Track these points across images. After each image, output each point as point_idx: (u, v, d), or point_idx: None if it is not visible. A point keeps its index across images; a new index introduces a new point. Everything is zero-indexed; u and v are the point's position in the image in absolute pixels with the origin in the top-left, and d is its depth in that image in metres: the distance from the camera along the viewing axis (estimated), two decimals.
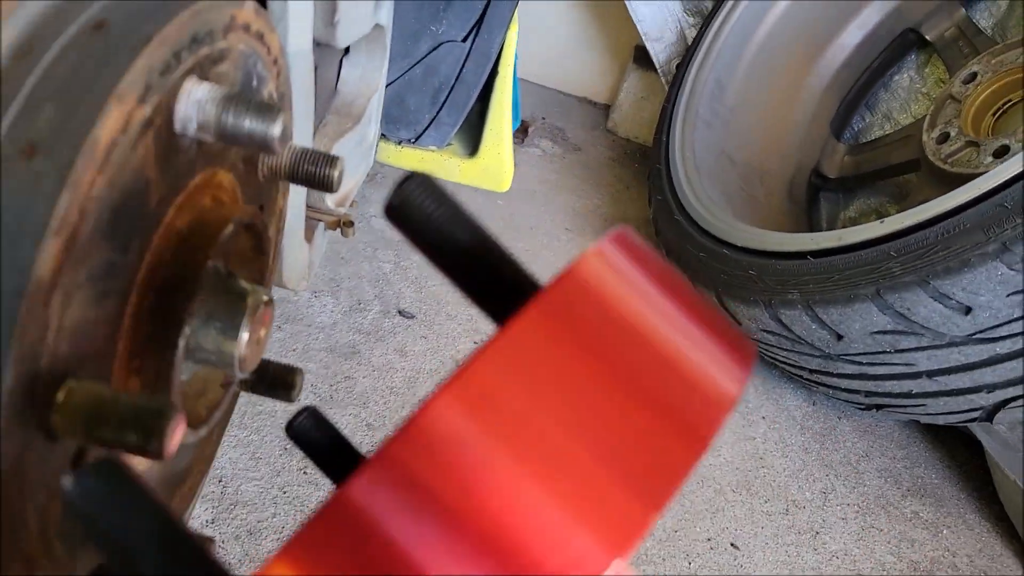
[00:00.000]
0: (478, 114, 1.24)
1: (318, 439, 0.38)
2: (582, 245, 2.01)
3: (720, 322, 0.35)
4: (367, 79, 0.71)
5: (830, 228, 2.02)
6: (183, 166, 0.43)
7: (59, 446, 0.37)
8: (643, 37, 2.29)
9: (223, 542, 1.09)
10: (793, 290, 1.39)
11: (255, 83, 0.50)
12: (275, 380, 0.55)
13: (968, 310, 1.20)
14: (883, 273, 1.27)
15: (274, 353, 1.38)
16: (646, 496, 0.28)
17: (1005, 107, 1.70)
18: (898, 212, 1.33)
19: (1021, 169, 1.18)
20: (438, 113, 1.18)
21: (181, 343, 0.42)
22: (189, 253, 0.43)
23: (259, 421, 1.25)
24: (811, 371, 1.51)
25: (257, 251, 0.51)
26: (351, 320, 1.54)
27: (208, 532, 1.09)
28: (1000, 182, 1.19)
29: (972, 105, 1.71)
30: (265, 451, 1.21)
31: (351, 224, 0.70)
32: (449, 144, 1.22)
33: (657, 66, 2.32)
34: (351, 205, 0.76)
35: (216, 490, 1.14)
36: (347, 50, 0.70)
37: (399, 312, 1.63)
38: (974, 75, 1.73)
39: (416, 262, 1.76)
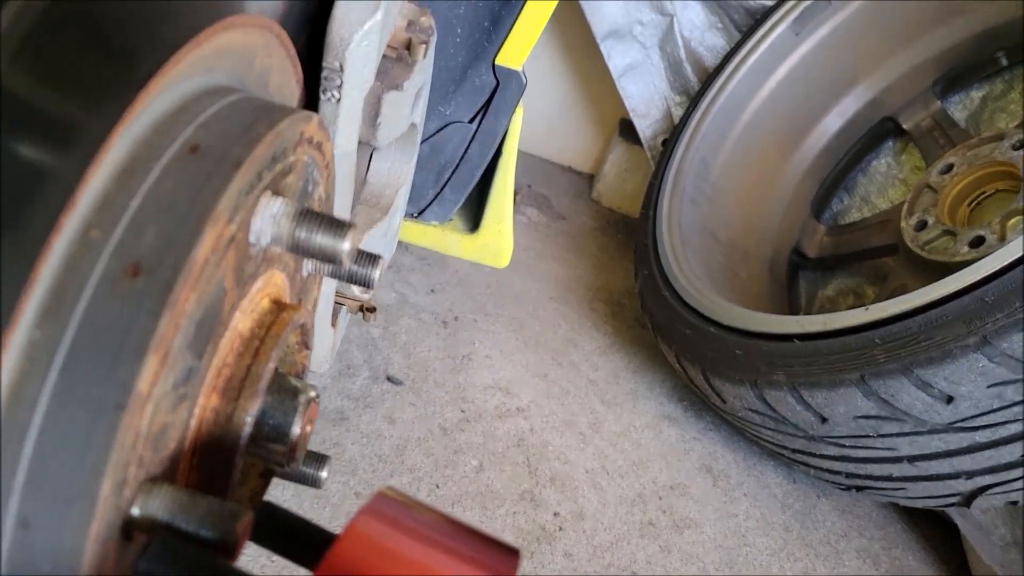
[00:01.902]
0: (479, 191, 1.28)
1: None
2: (566, 315, 2.04)
3: (481, 542, 0.42)
4: (396, 172, 0.73)
5: (808, 306, 2.08)
6: (250, 272, 0.45)
7: (132, 544, 0.38)
8: (630, 113, 2.36)
9: None
10: (779, 371, 1.43)
11: (311, 188, 0.52)
12: (311, 466, 0.57)
13: (950, 399, 1.24)
14: (868, 360, 1.31)
15: None
16: None
17: (980, 198, 1.78)
18: (875, 293, 1.38)
19: (1000, 265, 1.23)
20: (442, 190, 1.21)
21: (242, 442, 0.44)
22: (252, 357, 0.45)
23: None
24: (794, 451, 1.54)
25: (302, 345, 0.53)
26: (340, 385, 1.55)
27: None
28: (980, 277, 1.25)
29: (948, 195, 1.79)
30: None
31: (373, 309, 0.72)
32: (450, 220, 1.25)
33: (643, 141, 2.39)
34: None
35: None
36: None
37: (388, 378, 1.64)
38: (950, 166, 1.81)
39: (405, 327, 1.78)
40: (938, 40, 2.00)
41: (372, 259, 0.55)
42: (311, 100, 0.57)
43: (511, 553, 0.42)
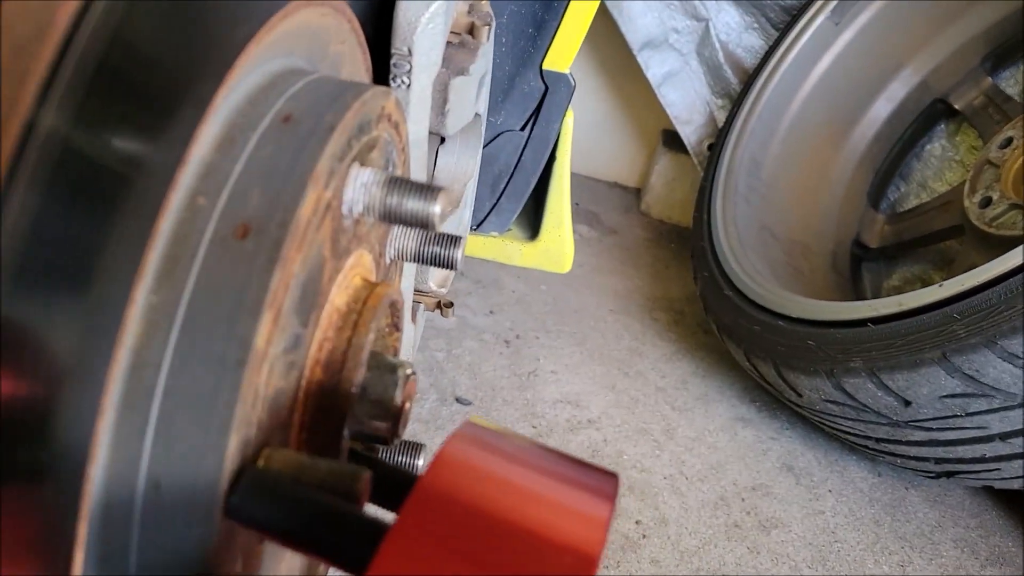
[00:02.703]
0: (535, 198, 1.28)
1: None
2: (628, 325, 2.02)
3: (575, 465, 0.42)
4: (462, 165, 0.74)
5: (875, 297, 2.03)
6: (344, 246, 0.45)
7: None
8: (674, 120, 2.36)
9: None
10: (856, 358, 1.39)
11: (391, 168, 0.53)
12: (409, 455, 0.56)
13: None
14: (947, 336, 1.27)
15: None
16: None
17: None
18: (943, 278, 1.34)
19: None
20: (498, 200, 1.22)
21: (348, 414, 0.44)
22: (351, 329, 0.45)
23: None
24: (878, 440, 1.49)
25: (393, 327, 0.53)
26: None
27: None
28: None
29: (1011, 169, 1.74)
30: None
31: (451, 305, 0.73)
32: (509, 229, 1.26)
33: (689, 148, 2.38)
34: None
35: None
36: (442, 138, 0.74)
37: (456, 399, 1.63)
38: (1009, 140, 1.77)
39: (468, 349, 1.78)
40: (984, 16, 1.96)
41: (454, 240, 0.55)
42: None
43: (609, 475, 0.41)
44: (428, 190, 0.43)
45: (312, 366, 0.43)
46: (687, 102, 2.35)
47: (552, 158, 1.26)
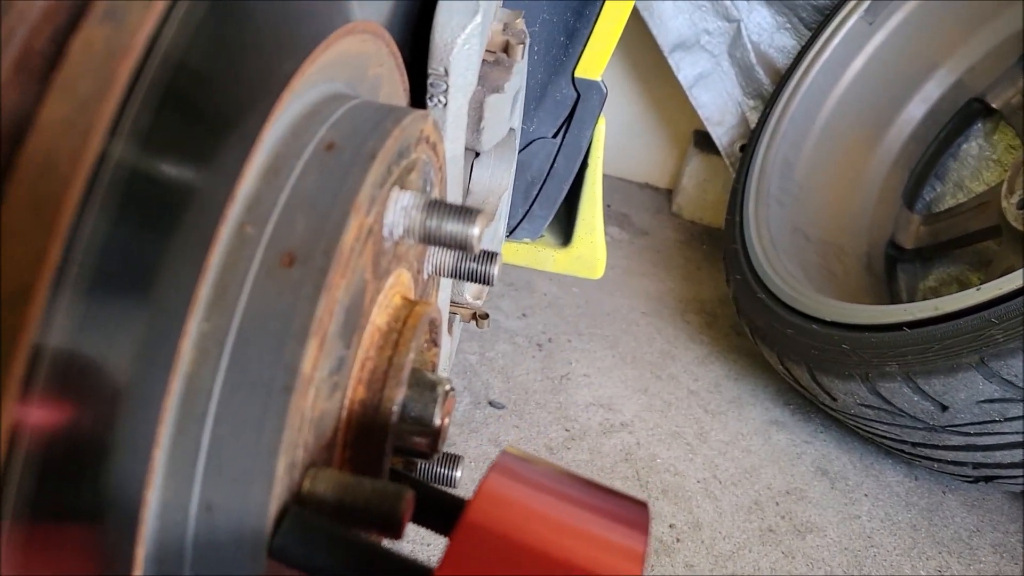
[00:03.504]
0: (567, 205, 1.29)
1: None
2: (660, 328, 2.02)
3: (608, 495, 0.43)
4: (497, 179, 0.75)
5: (910, 299, 2.01)
6: (384, 267, 0.46)
7: None
8: (705, 122, 2.35)
9: None
10: (891, 362, 1.38)
11: (428, 188, 0.54)
12: (446, 468, 0.58)
13: None
14: (985, 341, 1.25)
15: None
16: None
17: None
18: (980, 279, 1.32)
19: None
20: (531, 207, 1.22)
21: (390, 431, 0.45)
22: (392, 349, 0.46)
23: None
24: (914, 444, 1.48)
25: (432, 343, 0.54)
26: None
27: None
28: None
29: None
30: None
31: (486, 316, 0.74)
32: (542, 236, 1.26)
33: (720, 149, 2.37)
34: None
35: None
36: (476, 152, 0.75)
37: (490, 403, 1.65)
38: None
39: (501, 352, 1.79)
40: (1020, 14, 1.93)
41: (491, 256, 0.56)
42: (418, 107, 0.59)
43: (640, 505, 0.42)
44: (467, 213, 0.44)
45: (355, 385, 0.44)
46: (719, 103, 2.34)
47: (584, 165, 1.26)
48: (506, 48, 0.62)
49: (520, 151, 1.20)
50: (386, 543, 0.50)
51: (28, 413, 0.29)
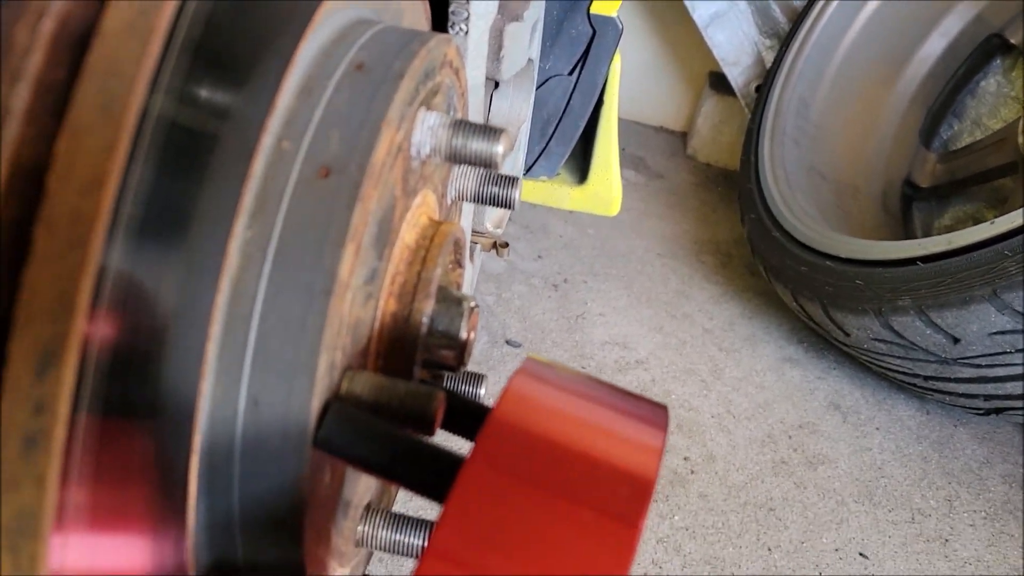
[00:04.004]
0: (583, 143, 1.30)
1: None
2: (675, 268, 2.04)
3: (628, 397, 0.45)
4: (515, 110, 0.76)
5: (927, 236, 2.01)
6: (412, 186, 0.48)
7: None
8: (720, 63, 2.33)
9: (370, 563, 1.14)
10: (904, 296, 1.40)
11: (452, 113, 0.55)
12: (472, 385, 0.60)
13: None
14: (998, 273, 1.27)
15: None
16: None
17: None
18: (996, 216, 1.33)
19: None
20: (547, 144, 1.24)
21: (420, 342, 0.47)
22: (420, 264, 0.48)
23: None
24: (926, 378, 1.50)
25: (456, 263, 0.57)
26: None
27: None
28: None
29: None
30: None
31: (506, 245, 0.76)
32: (558, 173, 1.28)
33: (736, 90, 2.35)
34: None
35: None
36: (496, 83, 0.76)
37: (507, 342, 1.68)
38: None
39: (517, 293, 1.82)
40: None
41: (511, 181, 0.58)
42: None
43: (660, 407, 0.44)
44: (491, 131, 0.46)
45: (386, 298, 0.47)
46: (734, 43, 2.31)
47: (600, 102, 1.27)
48: None
49: (536, 88, 1.20)
50: None
51: (98, 314, 0.31)
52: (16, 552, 0.31)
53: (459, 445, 0.44)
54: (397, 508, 0.60)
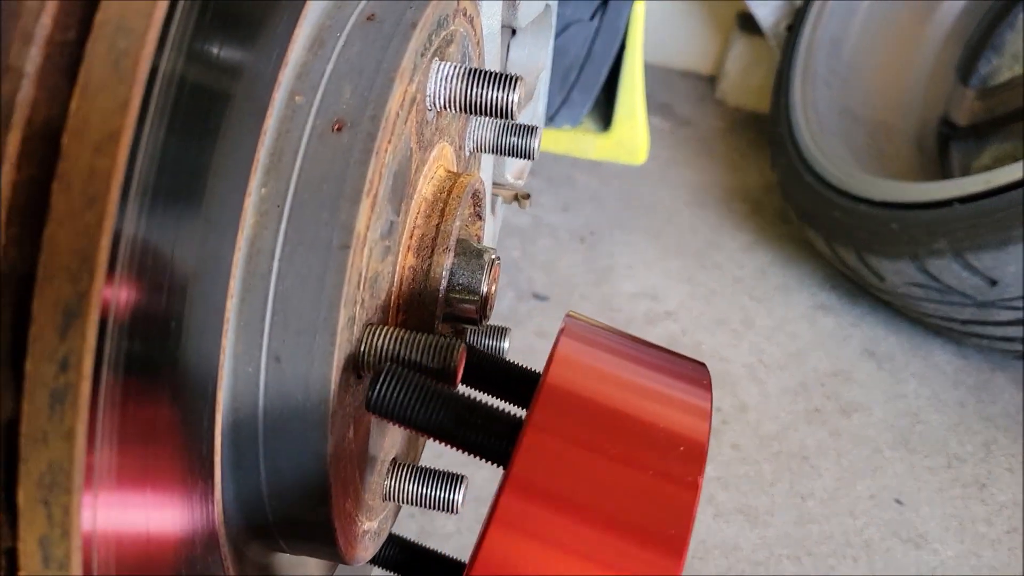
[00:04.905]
0: (607, 90, 1.27)
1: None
2: (704, 218, 2.01)
3: (670, 356, 0.44)
4: (534, 57, 0.75)
5: (966, 176, 1.96)
6: (428, 139, 0.48)
7: (361, 383, 0.42)
8: (748, 3, 2.27)
9: (400, 520, 1.16)
10: (941, 239, 1.37)
11: (467, 62, 0.54)
12: (495, 338, 0.60)
13: None
14: None
15: None
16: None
17: None
18: None
19: None
20: (570, 93, 1.22)
21: (441, 294, 0.47)
22: (439, 217, 0.48)
23: None
24: (963, 322, 1.48)
25: (476, 215, 0.56)
26: None
27: None
28: None
29: None
30: None
31: (527, 196, 0.75)
32: (582, 122, 1.26)
33: (764, 30, 2.29)
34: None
35: None
36: (513, 31, 0.75)
37: (533, 295, 1.67)
38: None
39: (543, 247, 1.81)
40: None
41: (530, 130, 0.57)
42: None
43: (701, 366, 0.44)
44: (507, 79, 0.45)
45: (405, 252, 0.47)
46: None
47: (623, 47, 1.24)
48: None
49: (557, 36, 1.18)
50: None
51: (117, 273, 0.31)
52: (49, 505, 0.31)
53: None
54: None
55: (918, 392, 1.59)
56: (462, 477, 0.51)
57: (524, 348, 1.53)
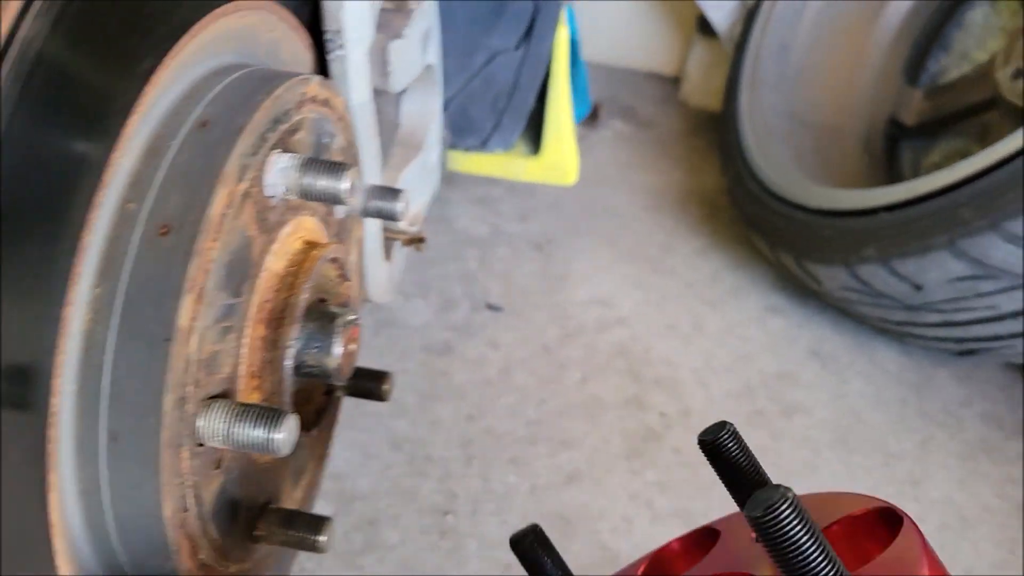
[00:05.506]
0: (537, 113, 1.32)
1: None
2: (660, 222, 2.06)
3: None
4: (424, 111, 0.80)
5: (914, 176, 2.01)
6: (275, 220, 0.53)
7: (204, 450, 0.48)
8: (702, 7, 2.31)
9: (346, 532, 1.22)
10: (869, 246, 1.42)
11: (326, 140, 0.59)
12: (370, 384, 0.65)
13: None
14: (955, 220, 1.28)
15: (373, 357, 1.50)
16: None
17: None
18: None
19: None
20: (501, 119, 1.27)
21: (288, 363, 0.52)
22: (288, 290, 0.53)
23: (368, 422, 1.37)
24: (898, 323, 1.53)
25: (342, 278, 0.61)
26: (443, 319, 1.65)
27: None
28: None
29: None
30: (375, 449, 1.33)
31: (423, 239, 0.80)
32: (514, 146, 1.31)
33: (719, 34, 2.33)
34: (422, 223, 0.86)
35: (335, 487, 1.26)
36: (405, 89, 0.80)
37: (488, 306, 1.72)
38: None
39: (500, 256, 1.86)
40: None
41: (394, 193, 0.62)
42: (324, 61, 0.64)
43: None
44: (337, 168, 0.50)
45: (255, 324, 0.52)
46: None
47: (550, 73, 1.29)
48: None
49: (485, 66, 1.23)
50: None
51: None
52: None
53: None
54: None
55: (862, 391, 1.63)
56: (326, 519, 0.56)
57: (476, 358, 1.58)
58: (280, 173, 0.50)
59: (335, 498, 1.26)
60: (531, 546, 0.49)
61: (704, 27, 2.51)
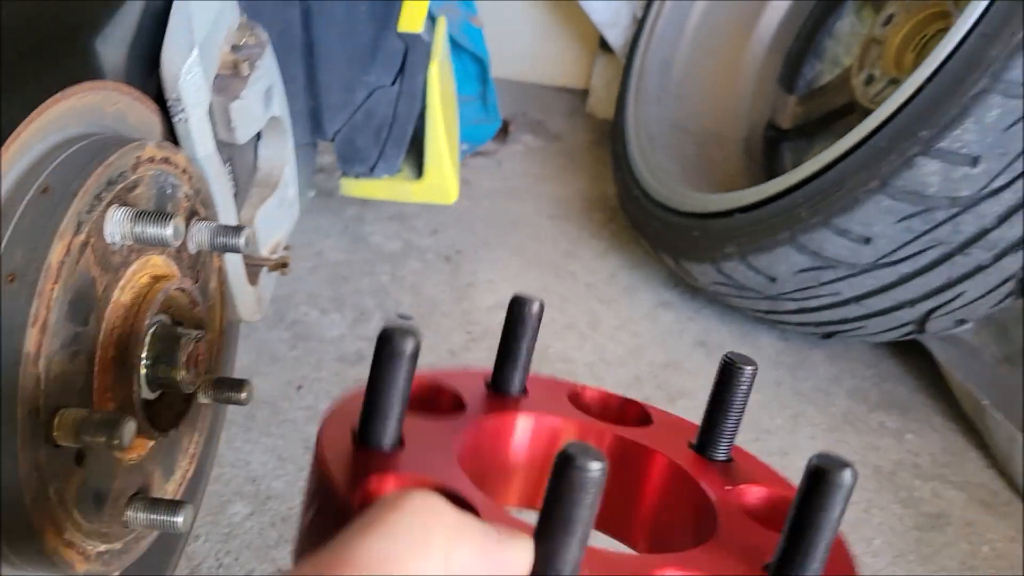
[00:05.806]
0: (421, 139, 1.45)
1: None
2: (565, 230, 2.20)
3: None
4: (278, 155, 0.92)
5: None
6: (118, 261, 0.65)
7: (62, 450, 0.60)
8: (598, 26, 2.46)
9: (262, 529, 1.33)
10: (730, 245, 1.57)
11: (170, 191, 0.72)
12: (231, 390, 0.77)
13: (867, 240, 1.36)
14: (795, 218, 1.44)
15: (290, 368, 1.62)
16: None
17: (923, 43, 1.84)
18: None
19: (892, 110, 1.33)
20: (384, 148, 1.39)
21: (135, 380, 0.65)
22: (134, 317, 0.65)
23: (283, 428, 1.48)
24: (765, 312, 1.68)
25: (193, 304, 0.74)
26: (356, 330, 1.77)
27: (248, 523, 1.33)
28: (877, 124, 1.35)
29: (892, 45, 1.85)
30: (289, 452, 1.45)
31: (286, 265, 0.92)
32: (399, 170, 1.44)
33: (615, 51, 2.49)
34: (285, 249, 0.98)
35: (252, 488, 1.38)
36: (259, 135, 0.92)
37: (398, 316, 1.85)
38: (891, 17, 1.87)
39: (411, 270, 1.99)
40: None
41: (235, 230, 0.74)
42: (172, 122, 0.76)
43: None
44: (162, 217, 0.62)
45: (105, 347, 0.64)
46: (611, 5, 2.44)
47: (426, 104, 1.42)
48: (236, 67, 0.79)
49: (365, 101, 1.36)
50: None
51: None
52: None
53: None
54: None
55: None
56: (183, 503, 0.68)
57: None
58: (116, 224, 0.62)
59: (252, 498, 1.37)
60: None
61: (604, 44, 2.67)
